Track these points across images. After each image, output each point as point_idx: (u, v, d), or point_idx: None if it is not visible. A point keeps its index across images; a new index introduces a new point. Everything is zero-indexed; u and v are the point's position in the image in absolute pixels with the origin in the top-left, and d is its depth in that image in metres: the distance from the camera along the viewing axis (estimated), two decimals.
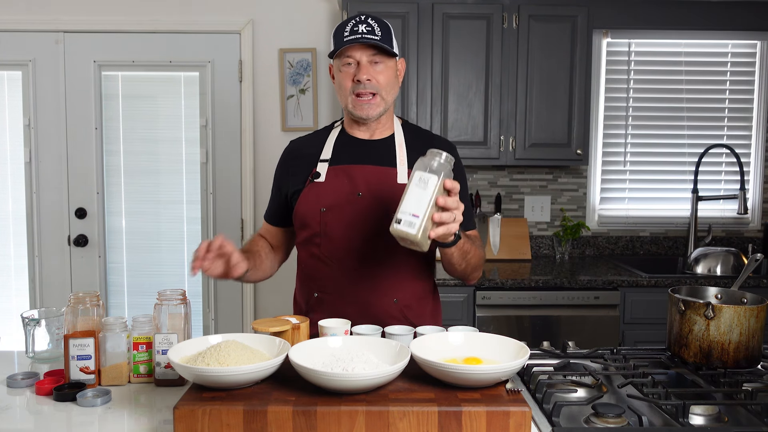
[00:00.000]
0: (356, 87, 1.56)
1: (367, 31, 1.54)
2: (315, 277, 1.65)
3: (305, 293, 1.69)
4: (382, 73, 1.57)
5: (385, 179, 1.59)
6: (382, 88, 1.57)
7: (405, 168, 1.61)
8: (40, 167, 3.30)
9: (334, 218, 1.59)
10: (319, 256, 1.62)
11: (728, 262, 2.91)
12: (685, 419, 1.14)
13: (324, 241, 1.60)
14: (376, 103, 1.57)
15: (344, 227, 1.59)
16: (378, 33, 1.55)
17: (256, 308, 3.39)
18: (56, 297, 3.32)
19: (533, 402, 1.23)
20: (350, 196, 1.59)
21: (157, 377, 1.33)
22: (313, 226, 1.61)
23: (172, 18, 3.27)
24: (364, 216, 1.58)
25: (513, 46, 2.98)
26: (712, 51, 3.37)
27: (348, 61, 1.56)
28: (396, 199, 1.57)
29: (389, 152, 1.63)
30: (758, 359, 1.40)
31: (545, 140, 3.03)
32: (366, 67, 1.55)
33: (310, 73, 3.28)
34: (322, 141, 1.69)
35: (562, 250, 3.34)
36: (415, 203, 1.24)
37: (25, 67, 3.28)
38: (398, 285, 1.62)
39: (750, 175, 3.44)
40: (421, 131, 1.72)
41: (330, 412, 1.03)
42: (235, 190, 3.35)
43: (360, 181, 1.59)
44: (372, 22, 1.56)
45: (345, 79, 1.57)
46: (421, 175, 1.25)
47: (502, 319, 2.73)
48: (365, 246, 1.58)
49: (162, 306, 1.38)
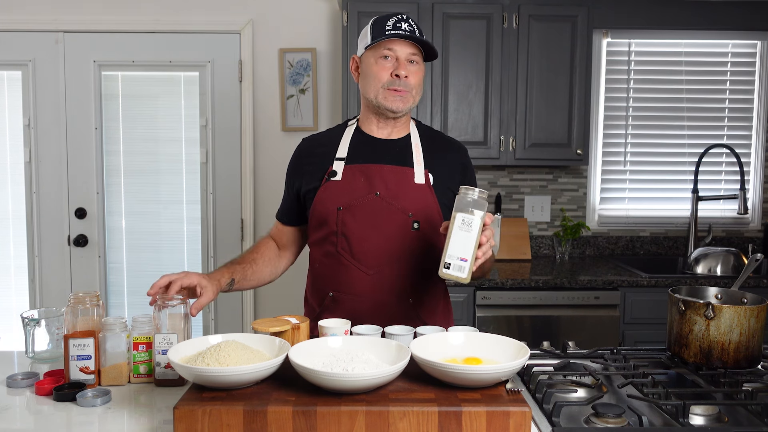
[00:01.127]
0: (393, 82, 1.57)
1: (409, 30, 1.56)
2: (330, 276, 1.65)
3: (318, 293, 1.69)
4: (416, 73, 1.59)
5: (403, 179, 1.60)
6: (414, 88, 1.60)
7: (422, 168, 1.62)
8: (40, 167, 3.30)
9: (352, 217, 1.59)
10: (335, 255, 1.62)
11: (728, 262, 2.91)
12: (685, 419, 1.14)
13: (341, 240, 1.61)
14: (406, 99, 1.59)
15: (361, 226, 1.59)
16: (418, 34, 1.58)
17: (256, 308, 3.39)
18: (56, 297, 3.32)
19: (533, 402, 1.23)
20: (368, 196, 1.59)
21: (157, 377, 1.33)
22: (330, 225, 1.61)
23: (172, 18, 3.27)
24: (382, 215, 1.58)
25: (513, 46, 2.98)
26: (712, 51, 3.37)
27: (387, 53, 1.57)
28: (412, 200, 1.60)
29: (406, 152, 1.64)
30: (758, 359, 1.40)
31: (545, 140, 3.03)
32: (405, 63, 1.57)
33: (310, 73, 3.28)
34: (336, 139, 1.69)
35: (562, 250, 3.34)
36: (462, 247, 1.32)
37: (25, 67, 3.28)
38: (414, 285, 1.62)
39: (750, 175, 3.44)
40: (434, 132, 1.74)
41: (330, 412, 1.03)
42: (235, 190, 3.35)
43: (377, 180, 1.60)
44: (413, 23, 1.59)
45: (381, 71, 1.57)
46: (464, 218, 1.31)
47: (502, 319, 2.73)
48: (382, 245, 1.59)
49: (162, 306, 1.38)
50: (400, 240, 1.58)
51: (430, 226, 1.60)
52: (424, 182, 1.61)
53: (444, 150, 1.69)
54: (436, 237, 1.61)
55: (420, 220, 1.59)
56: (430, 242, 1.61)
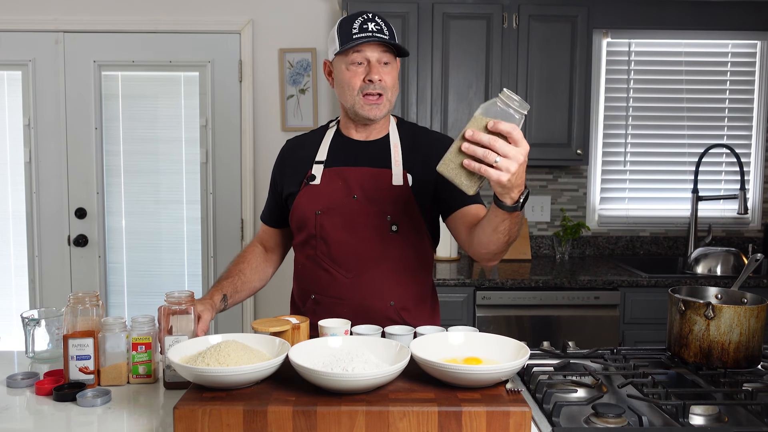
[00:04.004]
0: (366, 87, 1.53)
1: (376, 29, 1.51)
2: (311, 279, 1.64)
3: (302, 295, 1.69)
4: (390, 73, 1.55)
5: (380, 181, 1.58)
6: (389, 89, 1.56)
7: (400, 169, 1.59)
8: (40, 167, 3.30)
9: (330, 221, 1.58)
10: (314, 259, 1.62)
11: (728, 262, 2.91)
12: (685, 419, 1.14)
13: (320, 244, 1.60)
14: (383, 103, 1.56)
15: (339, 230, 1.58)
16: (386, 32, 1.53)
17: (256, 308, 3.39)
18: (56, 297, 3.32)
19: (533, 402, 1.23)
20: (345, 199, 1.58)
21: (167, 380, 1.32)
22: (308, 229, 1.60)
23: (172, 18, 3.27)
24: (359, 218, 1.57)
25: (513, 46, 2.98)
26: (712, 51, 3.37)
27: (357, 59, 1.52)
28: (390, 201, 1.57)
29: (385, 153, 1.62)
30: (758, 359, 1.39)
31: (545, 140, 3.03)
32: (376, 66, 1.52)
33: (310, 73, 3.28)
34: (317, 142, 1.68)
35: (562, 250, 3.34)
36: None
37: (25, 67, 3.28)
38: (394, 287, 1.60)
39: (750, 175, 3.43)
40: (417, 129, 1.70)
41: (330, 412, 1.03)
42: (235, 190, 3.35)
43: (355, 183, 1.58)
44: (380, 20, 1.54)
45: (354, 78, 1.53)
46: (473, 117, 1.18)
47: (502, 319, 2.73)
48: (360, 248, 1.58)
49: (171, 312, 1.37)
50: (378, 243, 1.57)
51: (409, 228, 1.58)
52: (402, 183, 1.57)
53: (428, 146, 1.63)
54: (415, 239, 1.60)
55: (398, 222, 1.57)
56: (409, 244, 1.60)
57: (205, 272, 3.38)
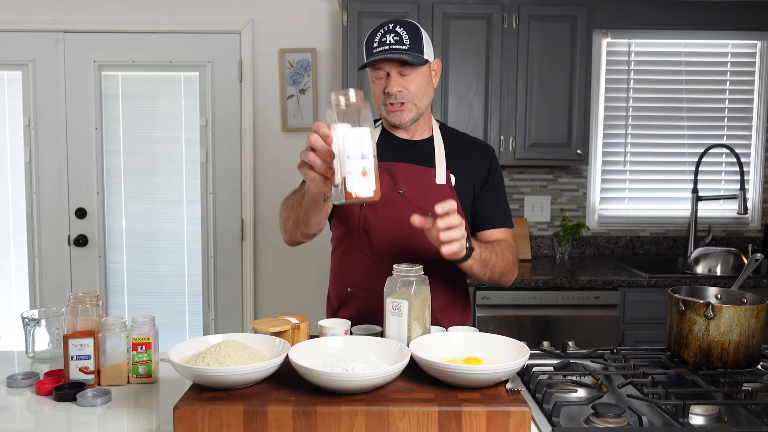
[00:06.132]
0: (387, 98, 1.59)
1: (395, 41, 1.55)
2: (349, 272, 1.67)
3: (338, 288, 1.72)
4: (412, 81, 1.58)
5: (425, 179, 1.63)
6: (414, 96, 1.59)
7: (443, 169, 1.64)
8: (40, 167, 3.30)
9: (374, 214, 1.62)
10: (355, 251, 1.65)
11: (728, 262, 2.91)
12: (685, 419, 1.14)
13: (362, 236, 1.64)
14: (407, 109, 1.60)
15: (383, 223, 1.62)
16: (406, 42, 1.55)
17: (256, 308, 3.39)
18: (56, 297, 3.32)
19: (533, 402, 1.23)
20: (391, 193, 1.62)
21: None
22: (352, 221, 1.65)
23: (172, 18, 3.27)
24: (403, 214, 1.59)
25: (513, 46, 2.98)
26: (712, 51, 3.37)
27: (379, 74, 1.59)
28: (433, 200, 1.56)
29: (429, 153, 1.67)
30: (758, 359, 1.40)
31: (545, 140, 3.03)
32: (395, 79, 1.57)
33: (310, 73, 3.28)
34: None
35: (562, 250, 3.34)
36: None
37: (25, 67, 3.28)
38: (431, 286, 1.62)
39: (750, 175, 3.43)
40: (458, 134, 1.75)
41: (330, 412, 1.03)
42: (235, 190, 3.35)
43: (401, 179, 1.63)
44: (400, 30, 1.56)
45: (377, 89, 1.61)
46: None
47: (502, 319, 2.73)
48: (402, 243, 1.61)
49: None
50: (419, 239, 1.58)
51: None
52: (445, 183, 1.63)
53: (468, 150, 1.71)
54: None
55: None
56: None
57: (205, 272, 3.38)
